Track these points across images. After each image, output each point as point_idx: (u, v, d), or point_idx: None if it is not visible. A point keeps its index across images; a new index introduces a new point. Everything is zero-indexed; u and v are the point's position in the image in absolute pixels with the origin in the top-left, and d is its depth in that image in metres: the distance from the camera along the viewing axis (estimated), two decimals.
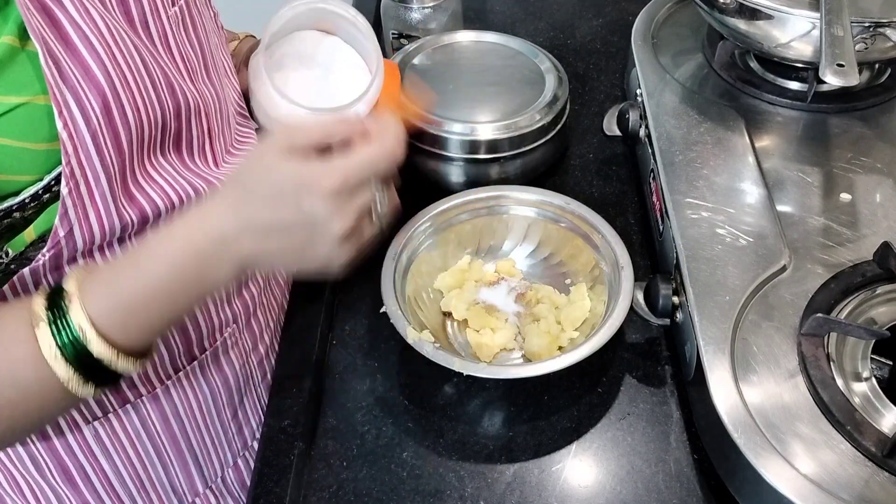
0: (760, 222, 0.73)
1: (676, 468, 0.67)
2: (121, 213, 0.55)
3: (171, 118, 0.58)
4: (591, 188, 0.91)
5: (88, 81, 0.50)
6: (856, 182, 0.77)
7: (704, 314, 0.65)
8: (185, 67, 0.61)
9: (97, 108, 0.51)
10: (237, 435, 0.77)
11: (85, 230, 0.54)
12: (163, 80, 0.56)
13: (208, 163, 0.65)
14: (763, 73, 0.90)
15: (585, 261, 0.77)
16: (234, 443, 0.77)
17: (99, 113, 0.51)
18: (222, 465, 0.77)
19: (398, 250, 0.75)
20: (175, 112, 0.58)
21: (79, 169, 0.51)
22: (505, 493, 0.66)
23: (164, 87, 0.56)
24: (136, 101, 0.53)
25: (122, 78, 0.52)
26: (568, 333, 0.73)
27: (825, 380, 0.61)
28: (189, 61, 0.61)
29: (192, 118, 0.60)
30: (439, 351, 0.67)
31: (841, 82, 0.69)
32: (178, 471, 0.74)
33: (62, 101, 0.49)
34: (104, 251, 0.58)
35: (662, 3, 1.01)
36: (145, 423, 0.68)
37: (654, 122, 0.84)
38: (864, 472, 0.56)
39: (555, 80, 0.90)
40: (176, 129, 0.59)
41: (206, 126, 0.63)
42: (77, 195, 0.52)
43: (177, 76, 0.58)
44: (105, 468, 0.69)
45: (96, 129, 0.51)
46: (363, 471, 0.68)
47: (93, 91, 0.51)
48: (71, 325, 0.50)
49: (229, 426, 0.76)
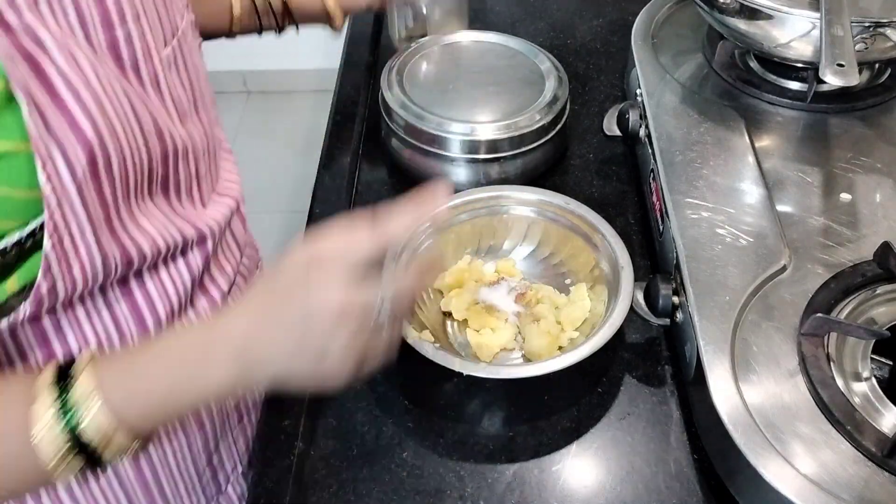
0: (760, 222, 0.73)
1: (676, 468, 0.67)
2: (106, 261, 0.54)
3: (159, 163, 0.56)
4: (591, 188, 0.91)
5: (75, 133, 0.48)
6: (856, 182, 0.77)
7: (704, 314, 0.65)
8: (175, 110, 0.59)
9: (83, 160, 0.49)
10: (211, 480, 0.76)
11: (67, 282, 0.52)
12: (152, 125, 0.54)
13: (194, 203, 0.63)
14: (763, 73, 0.90)
15: (585, 261, 0.77)
16: (209, 488, 0.76)
17: (85, 166, 0.49)
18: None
19: (398, 250, 0.75)
20: (162, 157, 0.56)
21: (62, 222, 0.49)
22: (505, 493, 0.66)
23: (152, 133, 0.54)
24: (122, 149, 0.51)
25: (110, 127, 0.50)
26: (568, 333, 0.73)
27: (825, 380, 0.61)
28: (179, 103, 0.60)
29: (180, 161, 0.59)
30: (439, 351, 0.67)
31: (841, 82, 0.69)
32: None
33: (46, 154, 0.47)
34: (84, 299, 0.56)
35: (662, 3, 1.01)
36: (117, 472, 0.67)
37: (654, 122, 0.84)
38: (864, 472, 0.56)
39: (555, 80, 0.90)
40: (163, 174, 0.58)
41: (195, 168, 0.62)
42: (60, 249, 0.50)
43: (166, 120, 0.57)
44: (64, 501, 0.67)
45: (82, 183, 0.49)
46: (363, 471, 0.68)
47: (80, 143, 0.48)
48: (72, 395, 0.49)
49: (203, 472, 0.75)
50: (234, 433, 0.78)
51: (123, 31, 0.52)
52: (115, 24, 0.52)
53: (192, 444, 0.71)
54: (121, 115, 0.51)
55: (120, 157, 0.51)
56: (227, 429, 0.76)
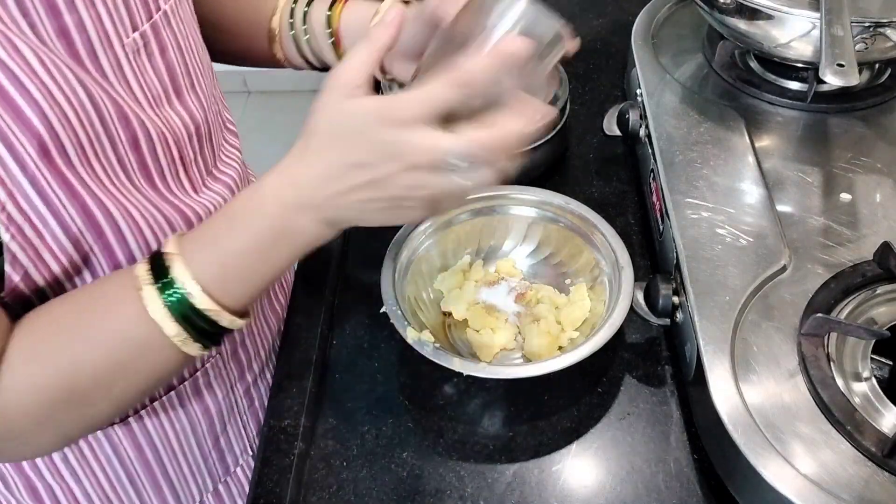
0: (760, 222, 0.73)
1: (676, 468, 0.67)
2: (80, 247, 0.54)
3: (128, 150, 0.56)
4: (591, 188, 0.91)
5: (21, 125, 0.48)
6: (856, 182, 0.77)
7: (704, 314, 0.65)
8: (145, 96, 0.58)
9: (33, 152, 0.49)
10: (218, 462, 0.76)
11: (42, 269, 0.53)
12: (114, 112, 0.54)
13: (186, 189, 0.63)
14: (763, 73, 0.90)
15: (585, 261, 0.77)
16: (215, 470, 0.76)
17: (36, 157, 0.49)
18: (201, 491, 0.76)
19: (398, 250, 0.75)
20: (132, 143, 0.56)
21: (19, 215, 0.50)
22: (505, 493, 0.66)
23: (114, 120, 0.54)
24: (78, 137, 0.51)
25: (62, 116, 0.50)
26: (568, 333, 0.73)
27: (825, 380, 0.61)
28: (151, 88, 0.58)
29: (157, 147, 0.58)
30: (439, 351, 0.67)
31: (841, 82, 0.69)
32: (152, 497, 0.72)
33: None
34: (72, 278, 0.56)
35: (662, 3, 1.01)
36: (117, 450, 0.67)
37: (654, 122, 0.84)
38: (864, 472, 0.56)
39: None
40: (138, 161, 0.57)
41: (177, 154, 0.61)
42: (23, 239, 0.51)
43: (133, 106, 0.56)
44: (74, 490, 0.68)
45: (34, 174, 0.49)
46: (363, 471, 0.68)
47: (26, 135, 0.48)
48: (175, 283, 0.51)
49: (209, 454, 0.75)
50: (245, 417, 0.78)
51: (73, 17, 0.51)
52: (63, 11, 0.51)
53: (196, 425, 0.72)
54: (74, 103, 0.51)
55: (76, 146, 0.51)
56: (235, 413, 0.76)
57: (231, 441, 0.77)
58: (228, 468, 0.78)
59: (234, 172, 0.70)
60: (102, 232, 0.55)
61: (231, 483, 0.79)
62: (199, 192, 0.64)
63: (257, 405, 0.80)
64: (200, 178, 0.65)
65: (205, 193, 0.65)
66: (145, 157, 0.57)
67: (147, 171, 0.58)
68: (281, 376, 0.73)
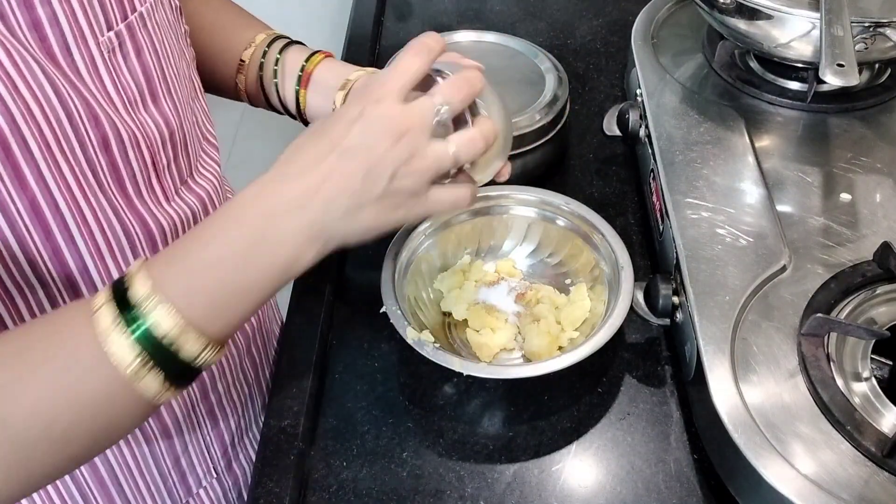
0: (760, 222, 0.73)
1: (676, 468, 0.67)
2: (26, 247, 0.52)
3: (98, 151, 0.54)
4: (591, 188, 0.91)
5: None
6: (856, 182, 0.77)
7: (704, 314, 0.65)
8: (120, 97, 0.56)
9: None
10: (179, 483, 0.74)
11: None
12: (83, 110, 0.52)
13: (157, 197, 0.60)
14: (763, 73, 0.90)
15: (585, 261, 0.77)
16: (175, 491, 0.74)
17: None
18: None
19: (398, 250, 0.75)
20: (102, 144, 0.54)
21: None
22: (505, 493, 0.66)
23: (83, 119, 0.52)
24: (43, 134, 0.50)
25: (26, 110, 0.48)
26: (568, 333, 0.73)
27: (825, 380, 0.61)
28: (126, 90, 0.57)
29: (129, 150, 0.56)
30: (439, 351, 0.67)
31: (841, 82, 0.69)
32: None
33: None
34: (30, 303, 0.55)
35: (662, 3, 1.01)
36: None
37: (654, 122, 0.84)
38: (864, 472, 0.56)
39: (555, 80, 0.90)
40: (108, 163, 0.55)
41: (150, 159, 0.58)
42: None
43: (106, 106, 0.54)
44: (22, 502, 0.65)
45: None
46: (363, 471, 0.68)
47: None
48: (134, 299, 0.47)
49: (169, 474, 0.72)
50: (209, 438, 0.75)
51: (46, 11, 0.50)
52: (36, 3, 0.50)
53: (154, 444, 0.69)
54: (41, 99, 0.49)
55: (40, 141, 0.50)
56: (198, 433, 0.73)
57: (193, 462, 0.74)
58: (190, 489, 0.75)
59: (209, 186, 0.68)
60: (50, 231, 0.53)
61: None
62: (170, 201, 0.62)
63: (222, 426, 0.77)
64: (173, 186, 0.63)
65: (176, 203, 0.63)
66: (116, 160, 0.56)
67: (118, 175, 0.56)
68: (281, 376, 0.73)
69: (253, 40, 0.77)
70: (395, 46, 0.95)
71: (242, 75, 0.78)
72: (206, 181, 0.68)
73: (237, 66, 0.77)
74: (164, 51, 0.60)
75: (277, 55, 0.76)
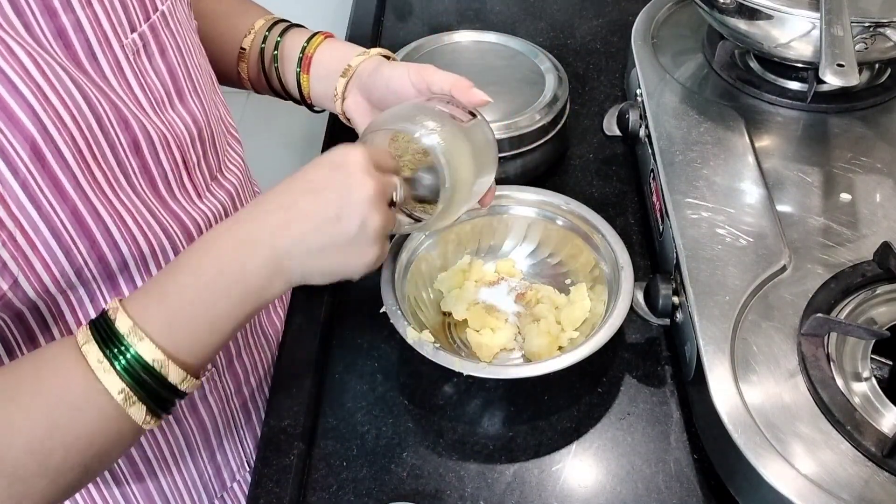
0: (760, 222, 0.73)
1: (676, 468, 0.67)
2: (72, 258, 0.53)
3: (129, 154, 0.55)
4: (591, 188, 0.91)
5: (13, 128, 0.47)
6: (856, 182, 0.77)
7: (704, 314, 0.65)
8: (147, 98, 0.57)
9: (25, 155, 0.48)
10: (214, 477, 0.75)
11: (33, 279, 0.52)
12: (113, 114, 0.53)
13: (190, 195, 0.62)
14: (763, 73, 0.90)
15: (585, 261, 0.77)
16: (211, 486, 0.75)
17: (28, 160, 0.48)
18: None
19: (398, 250, 0.75)
20: (133, 147, 0.55)
21: (10, 220, 0.49)
22: (505, 493, 0.66)
23: (113, 123, 0.53)
24: (76, 141, 0.50)
25: (57, 119, 0.49)
26: (568, 333, 0.73)
27: (825, 380, 0.61)
28: (153, 91, 0.58)
29: (160, 152, 0.57)
30: (439, 351, 0.67)
31: (841, 82, 0.69)
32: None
33: None
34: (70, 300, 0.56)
35: (662, 3, 1.01)
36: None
37: (654, 122, 0.84)
38: (864, 472, 0.56)
39: (555, 80, 0.90)
40: (140, 165, 0.56)
41: (180, 158, 0.60)
42: (14, 246, 0.49)
43: (134, 108, 0.55)
44: None
45: (26, 178, 0.48)
46: (363, 471, 0.68)
47: (18, 138, 0.47)
48: (117, 333, 0.50)
49: (205, 469, 0.74)
50: (242, 431, 0.77)
51: (70, 18, 0.51)
52: (59, 12, 0.50)
53: (191, 439, 0.71)
54: (71, 106, 0.50)
55: (73, 149, 0.50)
56: (232, 427, 0.75)
57: (228, 456, 0.76)
58: (225, 483, 0.77)
59: (235, 180, 0.69)
60: (95, 240, 0.54)
61: (227, 499, 0.78)
62: (202, 198, 0.64)
63: (255, 420, 0.79)
64: (204, 182, 0.64)
65: (208, 199, 0.64)
66: (147, 162, 0.57)
67: (150, 176, 0.57)
68: (281, 376, 0.73)
69: (252, 27, 0.77)
70: (395, 46, 0.95)
71: (244, 63, 0.78)
72: (233, 175, 0.69)
73: (238, 54, 0.77)
74: (187, 47, 0.61)
75: (277, 39, 0.76)
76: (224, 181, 0.67)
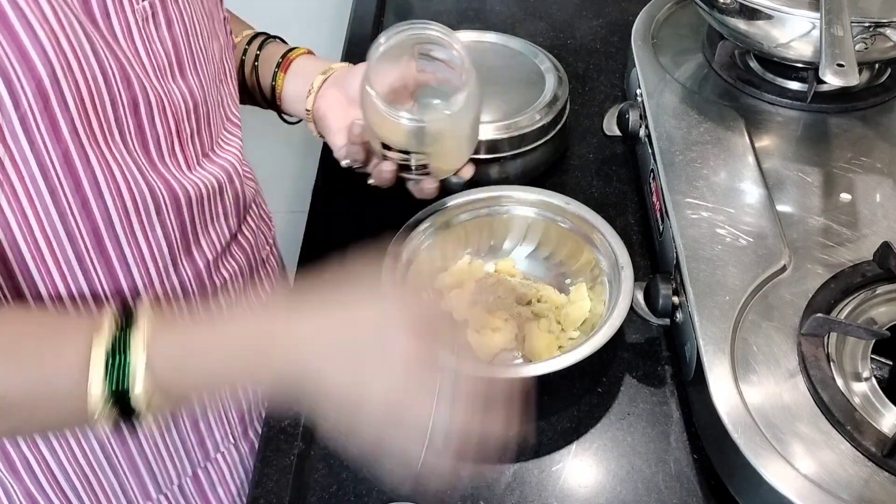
0: (760, 222, 0.73)
1: (676, 468, 0.67)
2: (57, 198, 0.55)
3: (127, 112, 0.57)
4: (591, 188, 0.91)
5: (24, 64, 0.49)
6: (856, 182, 0.77)
7: (704, 314, 0.65)
8: (151, 64, 0.59)
9: (29, 92, 0.50)
10: (198, 446, 0.76)
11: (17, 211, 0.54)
12: (118, 71, 0.55)
13: (179, 164, 0.64)
14: (763, 73, 0.90)
15: (585, 261, 0.77)
16: (194, 453, 0.76)
17: (31, 98, 0.50)
18: (179, 475, 0.76)
19: (398, 250, 0.75)
20: (132, 107, 0.57)
21: (1, 146, 0.51)
22: (505, 493, 0.66)
23: (117, 79, 0.55)
24: (79, 89, 0.53)
25: (66, 65, 0.51)
26: (568, 333, 0.73)
27: (825, 380, 0.61)
28: (157, 58, 0.60)
29: (156, 116, 0.59)
30: None
31: (841, 82, 0.69)
32: (128, 475, 0.72)
33: None
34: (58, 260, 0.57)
35: (662, 3, 1.01)
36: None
37: (654, 122, 0.84)
38: (864, 472, 0.56)
39: (555, 80, 0.90)
40: (136, 124, 0.58)
41: (174, 126, 0.62)
42: (3, 175, 0.52)
43: (138, 71, 0.57)
44: (50, 463, 0.68)
45: (25, 113, 0.51)
46: (363, 471, 0.67)
47: (27, 74, 0.50)
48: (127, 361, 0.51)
49: (188, 437, 0.74)
50: (226, 403, 0.77)
51: None
52: None
53: None
54: (80, 57, 0.52)
55: (76, 96, 0.52)
56: (216, 397, 0.76)
57: (211, 426, 0.76)
58: (208, 453, 0.77)
59: (227, 164, 0.70)
60: (80, 183, 0.55)
61: (211, 469, 0.78)
62: (192, 170, 0.65)
63: (240, 392, 0.79)
64: (195, 156, 0.66)
65: (197, 172, 0.65)
66: (143, 122, 0.59)
67: (143, 137, 0.59)
68: None
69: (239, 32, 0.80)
70: None
71: None
72: (228, 154, 0.70)
73: None
74: (193, 27, 0.63)
75: (257, 51, 0.80)
76: (217, 158, 0.69)
